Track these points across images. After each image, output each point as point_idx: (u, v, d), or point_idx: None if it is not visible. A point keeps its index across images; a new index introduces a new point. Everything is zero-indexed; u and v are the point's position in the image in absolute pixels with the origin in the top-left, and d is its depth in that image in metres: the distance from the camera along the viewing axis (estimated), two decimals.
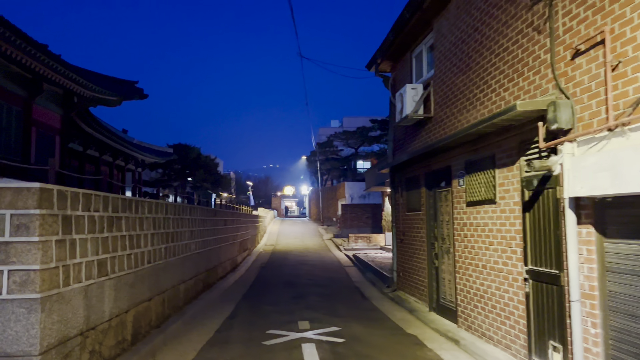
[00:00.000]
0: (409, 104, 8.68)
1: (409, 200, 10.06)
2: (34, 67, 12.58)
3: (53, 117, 17.54)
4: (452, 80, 7.69)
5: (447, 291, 8.15)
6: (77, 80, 15.64)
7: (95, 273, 5.45)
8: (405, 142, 10.17)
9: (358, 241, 24.73)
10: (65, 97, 17.60)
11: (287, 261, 18.71)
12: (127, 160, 27.69)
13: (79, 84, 15.92)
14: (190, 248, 9.99)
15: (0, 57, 11.76)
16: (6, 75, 12.95)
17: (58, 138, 18.28)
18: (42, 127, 16.47)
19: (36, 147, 15.96)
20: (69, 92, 16.51)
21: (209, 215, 12.05)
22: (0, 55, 11.56)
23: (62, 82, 14.89)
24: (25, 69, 12.81)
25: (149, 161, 32.14)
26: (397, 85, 10.70)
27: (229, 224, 15.20)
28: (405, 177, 10.27)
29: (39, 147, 16.22)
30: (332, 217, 43.69)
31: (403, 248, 10.40)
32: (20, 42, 11.23)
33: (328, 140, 44.76)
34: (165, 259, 8.21)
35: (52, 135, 17.72)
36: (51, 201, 4.55)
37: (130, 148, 25.46)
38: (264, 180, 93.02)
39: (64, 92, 17.14)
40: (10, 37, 10.83)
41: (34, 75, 13.66)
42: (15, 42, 11.08)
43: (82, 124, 20.61)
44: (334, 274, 14.94)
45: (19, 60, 11.72)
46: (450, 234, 7.94)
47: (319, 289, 11.75)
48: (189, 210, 9.99)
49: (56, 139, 18.26)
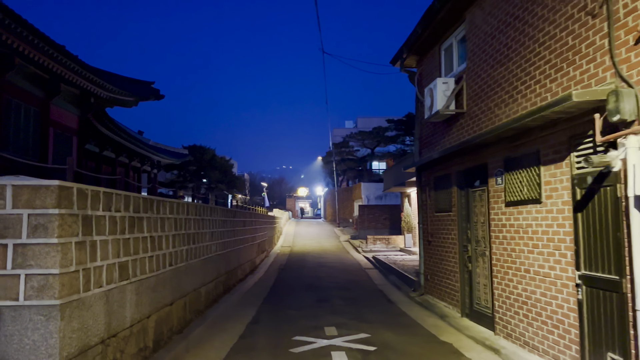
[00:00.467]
0: (440, 99, 8.26)
1: (437, 201, 9.64)
2: (52, 67, 12.44)
3: (70, 117, 17.48)
4: (487, 73, 7.26)
5: (482, 296, 7.71)
6: (94, 80, 15.53)
7: (116, 277, 5.15)
8: (433, 139, 9.75)
9: (377, 243, 24.29)
10: (82, 98, 17.54)
11: (305, 263, 18.36)
12: (143, 161, 27.72)
13: (96, 84, 15.81)
14: (211, 250, 9.69)
15: (17, 57, 11.66)
16: (23, 75, 12.83)
17: (75, 139, 18.23)
18: (60, 128, 16.41)
19: (54, 148, 15.88)
20: (86, 92, 16.42)
21: (228, 216, 11.75)
22: (17, 55, 11.46)
23: (79, 83, 14.79)
24: (43, 69, 12.69)
25: (165, 162, 32.23)
26: (424, 81, 10.29)
27: (247, 225, 14.90)
28: (433, 177, 9.85)
29: (57, 148, 16.14)
30: (347, 218, 43.27)
31: (431, 250, 9.97)
32: (37, 42, 11.08)
33: (344, 141, 44.37)
34: (186, 261, 7.91)
35: (70, 136, 17.66)
36: (71, 200, 4.25)
37: (146, 149, 25.43)
38: (278, 181, 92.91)
39: (81, 92, 17.06)
40: (27, 36, 10.67)
41: (51, 75, 13.55)
42: (33, 42, 10.94)
43: (99, 125, 20.60)
44: (355, 276, 14.54)
45: (36, 60, 11.58)
46: (486, 236, 7.50)
47: (342, 292, 11.37)
48: (210, 211, 9.69)
49: (73, 140, 18.21)
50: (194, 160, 41.19)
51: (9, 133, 12.98)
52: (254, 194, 76.58)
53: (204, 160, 43.44)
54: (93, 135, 21.38)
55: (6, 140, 12.80)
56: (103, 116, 20.38)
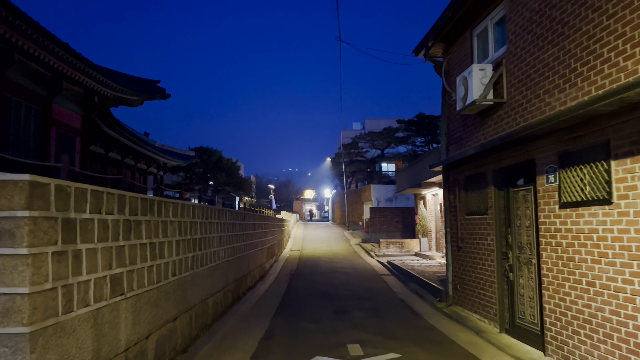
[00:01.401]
0: (476, 87, 7.35)
1: (469, 202, 8.72)
2: (54, 65, 11.82)
3: (73, 117, 16.86)
4: (535, 56, 6.34)
5: (527, 310, 6.78)
6: (98, 78, 14.90)
7: (107, 292, 4.28)
8: (464, 135, 8.84)
9: (390, 247, 23.34)
10: (86, 97, 16.97)
11: (317, 268, 17.46)
12: (149, 163, 27.27)
13: (100, 82, 15.18)
14: (219, 256, 8.82)
15: (17, 53, 10.98)
16: (24, 72, 12.13)
17: (79, 139, 17.63)
18: (62, 128, 15.75)
19: (56, 147, 15.22)
20: (90, 91, 15.83)
21: (237, 219, 10.89)
22: (17, 51, 10.78)
23: (82, 81, 14.19)
24: (44, 66, 12.05)
25: (171, 164, 31.79)
26: (452, 71, 9.39)
27: (257, 228, 14.04)
28: (464, 176, 8.93)
29: (59, 147, 15.48)
30: (357, 221, 42.33)
31: (461, 257, 9.05)
32: (38, 37, 10.40)
33: (353, 142, 43.44)
34: (192, 269, 7.04)
35: (73, 136, 17.04)
36: (47, 200, 3.39)
37: (152, 151, 24.92)
38: (285, 183, 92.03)
39: (84, 91, 16.48)
40: (27, 30, 9.95)
41: (53, 73, 12.92)
42: (33, 37, 10.24)
43: (104, 126, 20.05)
44: (371, 283, 13.62)
45: (37, 56, 10.95)
46: (533, 242, 6.58)
47: (360, 302, 10.45)
48: (218, 214, 8.83)
49: (77, 140, 17.59)
50: (201, 162, 40.67)
51: (9, 132, 12.29)
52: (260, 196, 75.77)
53: (210, 162, 42.87)
54: (98, 136, 20.84)
55: (6, 140, 12.10)
56: (108, 117, 19.79)
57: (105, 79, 15.57)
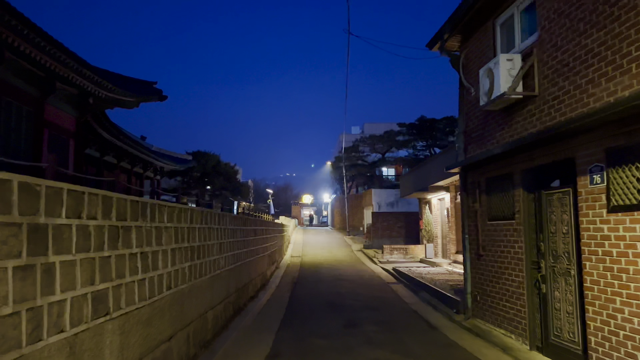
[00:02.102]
0: (504, 79, 6.68)
1: (491, 206, 8.02)
2: (46, 64, 11.21)
3: (67, 119, 16.24)
4: (575, 42, 5.67)
5: (564, 327, 6.07)
6: (93, 79, 14.32)
7: (88, 313, 3.57)
8: (485, 133, 8.15)
9: (393, 253, 22.62)
10: (80, 98, 16.37)
11: (320, 275, 16.71)
12: (145, 167, 26.82)
13: (95, 83, 14.60)
14: (219, 265, 8.09)
15: (7, 50, 10.32)
16: (15, 71, 11.46)
17: (72, 141, 17.01)
18: (55, 130, 15.11)
19: (48, 150, 14.57)
20: (84, 92, 15.23)
21: (238, 225, 10.17)
22: (7, 48, 10.11)
23: (76, 81, 13.61)
24: (37, 65, 11.43)
25: (168, 168, 31.30)
26: (471, 65, 8.72)
27: (258, 234, 13.31)
28: (485, 178, 8.24)
29: (52, 150, 14.83)
30: (357, 226, 41.60)
31: (482, 266, 8.34)
32: (29, 34, 9.74)
33: (353, 145, 42.77)
34: (190, 281, 6.31)
35: (66, 138, 16.42)
36: (7, 201, 2.68)
37: (148, 155, 24.41)
38: (284, 188, 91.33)
39: (78, 92, 15.88)
40: (17, 26, 9.27)
41: (46, 72, 12.30)
42: (23, 34, 9.58)
43: (99, 129, 19.55)
44: (379, 292, 12.90)
45: (27, 54, 10.31)
46: (572, 251, 5.88)
47: (371, 314, 9.73)
48: (218, 219, 8.11)
49: (70, 143, 16.97)
50: (198, 167, 40.09)
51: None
52: (258, 201, 74.98)
53: (208, 167, 42.29)
54: (93, 139, 20.29)
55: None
56: (103, 119, 19.22)
57: (100, 79, 14.94)
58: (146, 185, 28.30)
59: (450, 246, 18.49)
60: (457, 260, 17.45)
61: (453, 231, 18.21)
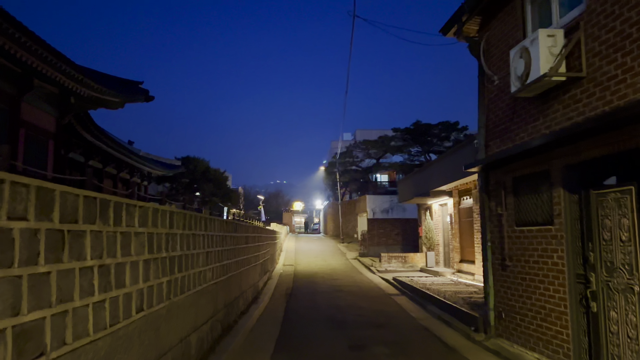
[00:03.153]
0: (544, 58, 5.66)
1: (520, 210, 6.98)
2: (22, 58, 10.30)
3: (46, 119, 15.12)
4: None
5: (624, 355, 5.01)
6: (74, 76, 13.28)
7: (7, 357, 2.43)
8: (512, 126, 7.12)
9: (392, 261, 21.53)
10: (60, 97, 15.32)
11: (316, 286, 15.56)
12: (132, 172, 25.82)
13: (77, 81, 13.55)
14: (206, 278, 6.94)
15: None
16: None
17: (52, 143, 15.90)
18: (33, 130, 14.03)
19: (25, 151, 13.48)
20: (65, 90, 14.17)
21: (228, 231, 9.03)
22: None
23: (56, 78, 12.58)
24: (13, 60, 10.43)
25: (156, 174, 30.23)
26: (493, 50, 7.71)
27: (250, 241, 12.16)
28: (512, 177, 7.20)
29: (29, 151, 13.74)
30: (351, 233, 40.50)
31: (508, 278, 7.27)
32: (5, 26, 8.70)
33: (347, 150, 41.76)
34: (169, 299, 5.17)
35: (45, 139, 15.30)
36: None
37: (135, 159, 23.39)
38: (274, 194, 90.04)
39: (59, 90, 14.82)
40: None
41: (22, 68, 11.31)
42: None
43: (83, 132, 18.55)
44: (383, 306, 11.78)
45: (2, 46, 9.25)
46: (635, 263, 4.84)
47: (378, 332, 8.62)
48: (205, 223, 6.97)
49: (49, 144, 15.85)
50: (187, 172, 39.02)
51: None
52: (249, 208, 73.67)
53: (197, 172, 41.18)
54: (77, 142, 19.32)
55: None
56: (88, 121, 18.16)
57: (83, 77, 13.91)
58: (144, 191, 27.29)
59: (453, 254, 17.45)
60: (462, 269, 16.42)
61: (457, 238, 17.19)
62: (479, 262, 14.74)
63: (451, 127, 37.66)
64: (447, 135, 38.09)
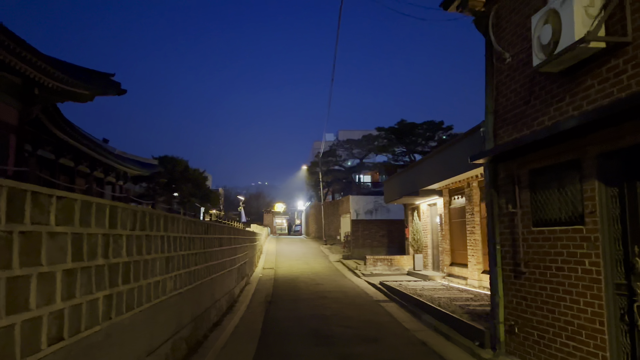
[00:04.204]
0: (580, 21, 4.63)
1: (539, 207, 5.96)
2: None
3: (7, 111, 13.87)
4: None
5: None
6: (39, 66, 12.12)
7: None
8: (528, 109, 6.10)
9: (377, 264, 20.50)
10: (23, 88, 14.07)
11: (298, 292, 14.41)
12: (107, 171, 24.62)
13: (41, 70, 12.38)
14: (165, 288, 5.75)
15: None
16: None
17: (13, 137, 14.65)
18: None
19: None
20: (29, 80, 13.00)
21: (198, 232, 7.84)
22: None
23: (18, 67, 11.48)
24: None
25: (132, 173, 28.98)
26: (504, 23, 6.69)
27: (225, 243, 10.95)
28: (529, 169, 6.18)
29: None
30: (333, 234, 39.45)
31: (524, 287, 6.24)
32: None
33: (331, 149, 40.71)
34: (107, 319, 3.98)
35: (5, 133, 14.05)
36: None
37: (110, 158, 22.28)
38: (256, 195, 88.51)
39: (22, 81, 13.54)
40: None
41: None
42: None
43: (53, 128, 17.34)
44: (372, 315, 10.70)
45: None
46: None
47: (370, 348, 7.51)
48: (164, 223, 5.78)
49: (10, 138, 14.59)
50: (165, 172, 37.68)
51: None
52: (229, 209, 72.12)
53: (175, 172, 39.79)
54: (47, 139, 18.00)
55: None
56: (57, 116, 16.88)
57: (48, 67, 12.68)
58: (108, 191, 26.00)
59: (443, 257, 16.48)
60: (453, 273, 15.46)
61: (447, 240, 16.23)
62: (473, 265, 13.78)
63: (436, 127, 36.98)
64: (432, 135, 37.40)
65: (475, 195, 13.76)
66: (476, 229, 13.66)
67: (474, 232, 13.76)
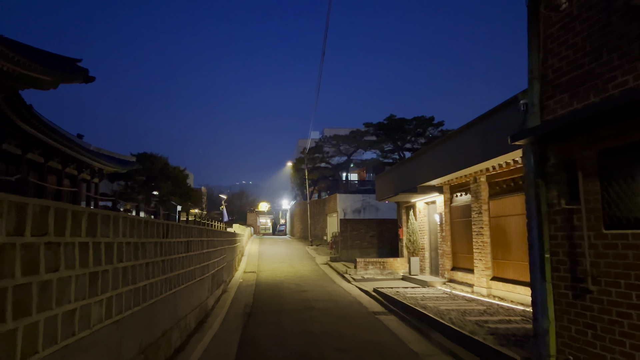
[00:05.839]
0: None
1: (613, 202, 4.33)
2: None
3: None
4: None
5: None
6: None
7: None
8: (600, 66, 4.46)
9: (369, 268, 18.86)
10: None
11: (283, 301, 12.66)
12: (80, 168, 22.82)
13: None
14: (90, 318, 3.95)
15: None
16: None
17: None
18: None
19: None
20: None
21: (152, 236, 6.04)
22: None
23: None
24: None
25: (109, 170, 27.12)
26: None
27: (195, 248, 9.15)
28: (597, 150, 4.54)
29: None
30: (320, 235, 37.74)
31: (590, 311, 4.61)
32: None
33: (317, 146, 38.96)
34: None
35: None
36: None
37: (84, 154, 20.63)
38: (239, 194, 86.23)
39: None
40: None
41: None
42: None
43: (18, 120, 15.81)
44: (370, 332, 9.01)
45: None
46: None
47: None
48: (88, 224, 3.98)
49: None
50: (143, 169, 35.65)
51: None
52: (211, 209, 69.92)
53: (154, 170, 37.77)
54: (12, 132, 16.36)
55: None
56: (22, 108, 15.09)
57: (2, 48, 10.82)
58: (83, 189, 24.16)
59: (444, 261, 14.88)
60: (455, 279, 13.87)
61: (448, 242, 14.64)
62: (480, 271, 12.19)
63: (427, 122, 35.61)
64: (423, 131, 36.02)
65: (483, 191, 12.17)
66: (484, 230, 12.08)
67: (481, 234, 12.18)
